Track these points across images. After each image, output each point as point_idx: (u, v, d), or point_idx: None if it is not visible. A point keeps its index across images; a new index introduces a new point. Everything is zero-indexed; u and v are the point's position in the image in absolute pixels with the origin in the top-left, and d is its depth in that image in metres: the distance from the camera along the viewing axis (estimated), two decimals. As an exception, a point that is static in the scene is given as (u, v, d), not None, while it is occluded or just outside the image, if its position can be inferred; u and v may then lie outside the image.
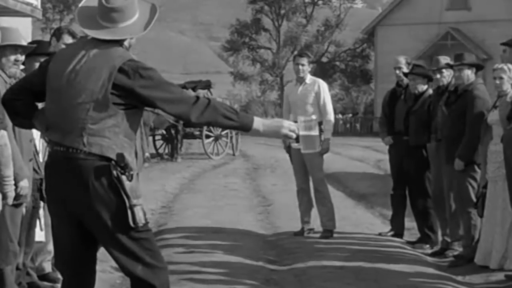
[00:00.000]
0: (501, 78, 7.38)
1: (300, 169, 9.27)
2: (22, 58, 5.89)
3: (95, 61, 3.98)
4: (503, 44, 7.78)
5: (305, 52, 9.99)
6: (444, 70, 8.40)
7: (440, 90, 8.47)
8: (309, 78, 9.29)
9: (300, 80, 9.27)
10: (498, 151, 7.23)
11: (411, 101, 9.01)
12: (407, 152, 9.00)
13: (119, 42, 4.09)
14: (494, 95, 7.70)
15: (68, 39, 7.00)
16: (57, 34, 7.02)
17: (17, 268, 5.91)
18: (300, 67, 9.22)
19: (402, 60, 9.39)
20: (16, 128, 5.60)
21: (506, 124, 7.06)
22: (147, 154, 9.78)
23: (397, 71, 9.33)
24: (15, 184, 5.51)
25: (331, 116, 9.20)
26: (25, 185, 5.58)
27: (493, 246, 7.37)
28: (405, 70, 9.27)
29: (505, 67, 7.39)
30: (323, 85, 9.29)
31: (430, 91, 8.89)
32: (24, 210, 5.79)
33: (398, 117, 9.17)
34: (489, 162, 7.44)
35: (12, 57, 5.73)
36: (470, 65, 7.97)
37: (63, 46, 6.93)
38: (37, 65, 6.40)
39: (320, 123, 9.13)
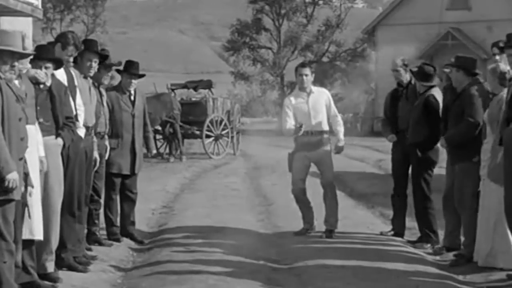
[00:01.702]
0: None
1: (299, 176, 9.31)
2: (19, 64, 5.88)
3: None
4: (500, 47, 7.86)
5: (307, 63, 10.08)
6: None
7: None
8: (313, 88, 9.37)
9: (307, 91, 9.30)
10: (488, 149, 7.29)
11: (414, 100, 9.02)
12: (410, 151, 9.00)
13: None
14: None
15: (73, 52, 7.11)
16: (63, 42, 7.09)
17: (16, 266, 5.90)
18: (304, 77, 9.26)
19: (399, 62, 9.40)
20: (6, 126, 5.60)
21: (495, 125, 7.14)
22: (154, 151, 9.80)
23: (395, 73, 9.36)
24: (3, 178, 5.50)
25: (341, 122, 9.48)
26: (14, 177, 5.57)
27: (479, 244, 7.42)
28: (402, 71, 9.30)
29: (495, 67, 7.47)
30: (330, 95, 9.52)
31: (432, 90, 8.89)
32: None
33: (401, 116, 9.18)
34: (482, 160, 7.49)
35: (9, 62, 5.73)
36: (464, 68, 8.02)
37: (66, 57, 7.03)
38: (43, 70, 6.42)
39: (326, 132, 9.35)
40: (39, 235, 6.20)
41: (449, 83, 8.63)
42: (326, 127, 9.32)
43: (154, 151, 9.96)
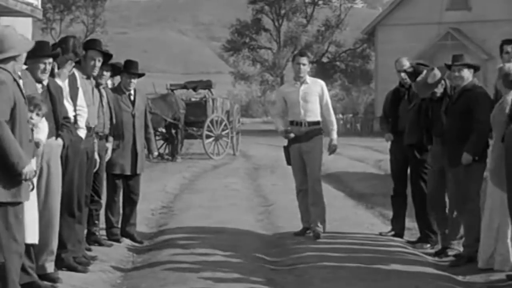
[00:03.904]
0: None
1: (300, 169, 9.21)
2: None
3: None
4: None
5: (305, 52, 9.95)
6: (435, 89, 8.38)
7: (434, 96, 8.46)
8: (309, 78, 9.27)
9: (301, 80, 9.21)
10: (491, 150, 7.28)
11: (414, 101, 9.02)
12: (408, 152, 9.00)
13: None
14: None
15: (72, 57, 7.11)
16: (64, 48, 7.08)
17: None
18: (302, 66, 9.15)
19: (407, 62, 9.34)
20: (17, 128, 5.60)
21: (498, 125, 7.12)
22: (156, 153, 9.78)
23: (402, 74, 9.27)
24: (19, 173, 5.51)
25: (333, 116, 9.29)
26: (30, 169, 5.58)
27: (481, 246, 7.41)
28: (411, 70, 9.23)
29: (505, 68, 7.41)
30: (324, 86, 9.34)
31: None
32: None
33: (402, 116, 9.16)
34: (488, 162, 7.48)
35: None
36: (469, 66, 7.99)
37: (67, 61, 7.05)
38: (41, 66, 6.42)
39: (318, 123, 9.18)
40: (32, 239, 6.15)
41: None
42: (317, 118, 9.17)
43: (156, 153, 9.92)
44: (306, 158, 9.15)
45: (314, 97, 9.16)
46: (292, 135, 9.13)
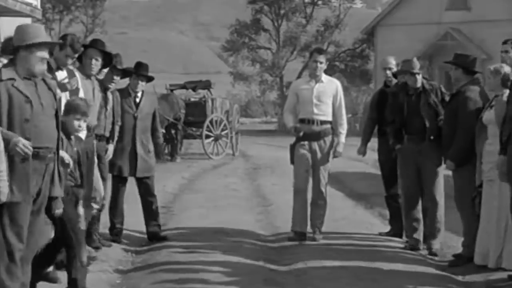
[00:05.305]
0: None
1: (304, 169, 8.96)
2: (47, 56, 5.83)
3: None
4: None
5: (323, 49, 9.76)
6: (417, 76, 8.40)
7: (412, 91, 8.45)
8: (324, 77, 9.05)
9: (316, 79, 8.96)
10: (493, 151, 7.22)
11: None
12: None
13: None
14: (492, 95, 7.71)
15: (70, 53, 7.11)
16: (61, 44, 7.07)
17: None
18: (318, 64, 8.90)
19: (393, 61, 9.31)
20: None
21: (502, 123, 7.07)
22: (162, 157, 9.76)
23: (387, 72, 9.27)
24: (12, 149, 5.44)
25: (345, 119, 9.10)
26: (21, 141, 5.34)
27: (490, 246, 7.39)
28: (395, 70, 9.20)
29: (499, 67, 7.43)
30: (340, 86, 9.11)
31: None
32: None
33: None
34: (484, 162, 7.44)
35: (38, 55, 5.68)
36: (461, 67, 7.98)
37: (63, 58, 7.03)
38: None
39: (330, 122, 9.01)
40: None
41: (403, 82, 8.59)
42: (329, 118, 8.95)
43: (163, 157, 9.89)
44: (314, 159, 8.94)
45: (328, 97, 8.93)
46: (301, 133, 8.91)
